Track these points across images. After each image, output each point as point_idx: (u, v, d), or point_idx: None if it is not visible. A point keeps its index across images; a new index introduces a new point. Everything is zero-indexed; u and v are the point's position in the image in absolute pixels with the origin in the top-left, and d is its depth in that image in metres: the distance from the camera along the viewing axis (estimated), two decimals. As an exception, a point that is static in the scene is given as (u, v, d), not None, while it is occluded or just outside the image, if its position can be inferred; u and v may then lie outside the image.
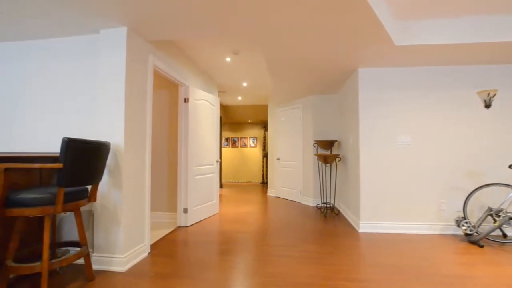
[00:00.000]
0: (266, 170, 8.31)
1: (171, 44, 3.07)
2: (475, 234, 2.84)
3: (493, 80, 3.15)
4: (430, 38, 2.60)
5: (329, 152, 4.72)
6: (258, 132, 8.85)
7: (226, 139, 8.94)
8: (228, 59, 3.69)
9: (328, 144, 4.44)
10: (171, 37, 2.47)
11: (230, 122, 8.84)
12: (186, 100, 3.49)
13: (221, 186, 7.41)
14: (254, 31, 2.36)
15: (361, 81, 3.35)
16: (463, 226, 2.84)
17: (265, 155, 8.36)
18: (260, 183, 8.54)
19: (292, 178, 5.49)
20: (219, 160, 4.31)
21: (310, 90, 4.69)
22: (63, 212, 1.76)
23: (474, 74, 3.18)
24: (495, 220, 2.79)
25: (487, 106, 3.10)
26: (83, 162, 1.78)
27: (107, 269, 2.17)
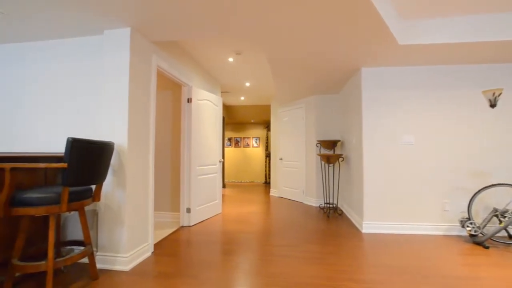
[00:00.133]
0: (269, 170, 8.31)
1: (175, 44, 3.09)
2: (480, 235, 2.81)
3: (503, 78, 3.11)
4: (434, 37, 2.58)
5: (332, 152, 4.71)
6: (260, 132, 8.85)
7: (229, 139, 8.95)
8: (231, 59, 3.70)
9: (331, 144, 4.43)
10: (174, 37, 2.48)
11: (233, 122, 8.85)
12: (189, 100, 3.50)
13: (224, 186, 7.42)
14: (255, 31, 2.36)
15: (364, 80, 3.33)
16: (468, 227, 2.81)
17: (267, 155, 8.36)
18: (262, 183, 8.53)
19: (295, 178, 5.48)
20: (222, 160, 4.32)
21: (313, 90, 4.68)
22: (68, 211, 1.78)
23: (479, 73, 3.14)
24: (501, 221, 2.76)
25: (492, 105, 3.07)
26: (87, 162, 1.80)
27: (111, 268, 2.19)
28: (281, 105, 6.01)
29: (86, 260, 2.27)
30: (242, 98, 6.34)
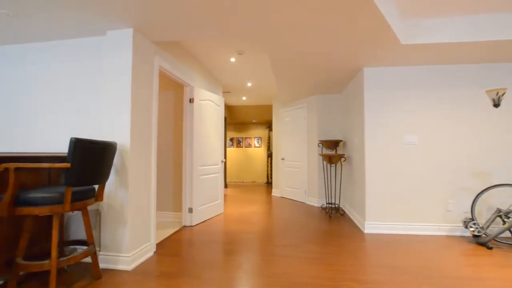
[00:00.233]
0: (271, 170, 8.31)
1: (177, 45, 3.10)
2: (484, 235, 2.79)
3: (507, 78, 3.08)
4: (436, 37, 2.56)
5: (334, 152, 4.70)
6: (262, 132, 8.84)
7: (231, 139, 8.96)
8: (232, 60, 3.70)
9: (333, 144, 4.42)
10: (175, 37, 2.49)
11: (235, 122, 8.86)
12: (191, 100, 3.51)
13: (225, 186, 7.43)
14: (256, 32, 2.36)
15: (366, 80, 3.32)
16: (471, 227, 2.80)
17: (269, 155, 8.35)
18: (264, 183, 8.53)
19: (296, 178, 5.48)
20: (224, 160, 4.33)
21: (315, 90, 4.67)
22: (71, 211, 1.79)
23: (483, 73, 3.12)
24: (504, 221, 2.74)
25: (496, 105, 3.04)
26: (90, 162, 1.81)
27: (114, 267, 2.20)
28: (283, 105, 6.00)
29: (89, 259, 2.29)
30: (244, 98, 6.34)
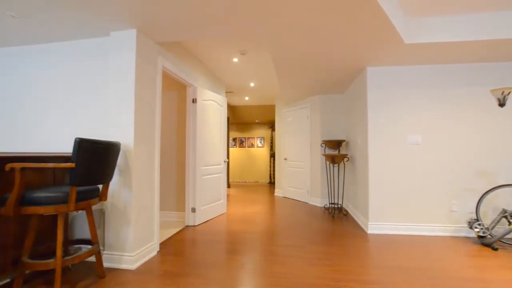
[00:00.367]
0: (274, 170, 8.30)
1: (180, 45, 3.11)
2: (489, 236, 2.76)
3: (510, 77, 3.05)
4: (441, 35, 2.54)
5: (337, 152, 4.68)
6: (265, 132, 8.84)
7: (234, 139, 8.97)
8: (235, 60, 3.71)
9: (335, 144, 4.40)
10: (178, 38, 2.50)
11: (238, 122, 8.87)
12: (194, 100, 3.53)
13: (228, 186, 7.45)
14: (259, 32, 2.36)
15: (369, 80, 3.31)
16: (476, 228, 2.77)
17: (272, 155, 8.35)
18: (267, 183, 8.53)
19: (299, 178, 5.47)
20: (227, 160, 4.33)
21: (318, 90, 4.66)
22: (76, 210, 1.81)
23: (488, 72, 3.09)
24: (510, 222, 2.71)
25: (501, 104, 3.01)
26: (95, 162, 1.83)
27: (117, 267, 2.22)
28: (285, 105, 6.00)
29: (93, 258, 2.31)
30: (247, 98, 6.35)
